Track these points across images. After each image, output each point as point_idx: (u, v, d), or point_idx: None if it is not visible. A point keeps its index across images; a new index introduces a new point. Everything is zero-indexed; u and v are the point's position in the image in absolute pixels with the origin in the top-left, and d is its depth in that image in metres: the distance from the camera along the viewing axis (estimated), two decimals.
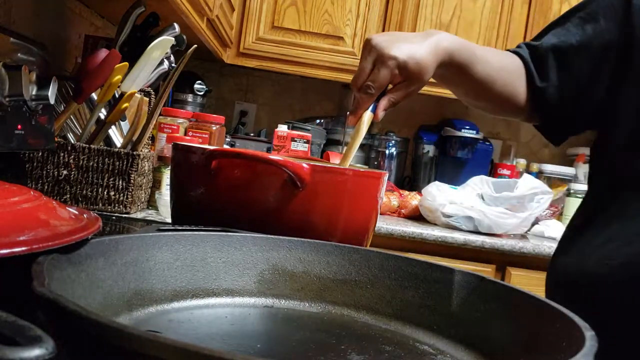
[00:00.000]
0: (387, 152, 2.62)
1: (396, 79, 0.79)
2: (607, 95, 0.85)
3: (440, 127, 2.58)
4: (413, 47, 0.79)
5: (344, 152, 0.79)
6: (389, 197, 2.19)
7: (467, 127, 2.48)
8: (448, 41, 0.83)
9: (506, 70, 0.90)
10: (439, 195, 2.04)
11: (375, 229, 0.80)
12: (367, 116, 0.78)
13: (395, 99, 0.79)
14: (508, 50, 0.95)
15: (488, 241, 1.91)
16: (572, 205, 2.28)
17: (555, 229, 2.13)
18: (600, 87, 0.86)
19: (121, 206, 1.18)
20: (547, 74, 0.89)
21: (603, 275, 0.77)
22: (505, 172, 2.49)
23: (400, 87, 0.80)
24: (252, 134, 2.58)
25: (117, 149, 1.18)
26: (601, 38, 0.85)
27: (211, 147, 0.66)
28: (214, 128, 1.69)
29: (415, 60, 0.77)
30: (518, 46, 0.94)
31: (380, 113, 0.78)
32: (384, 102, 0.78)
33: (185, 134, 1.65)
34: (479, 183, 2.09)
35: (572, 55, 0.87)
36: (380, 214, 2.03)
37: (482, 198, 2.04)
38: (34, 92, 0.94)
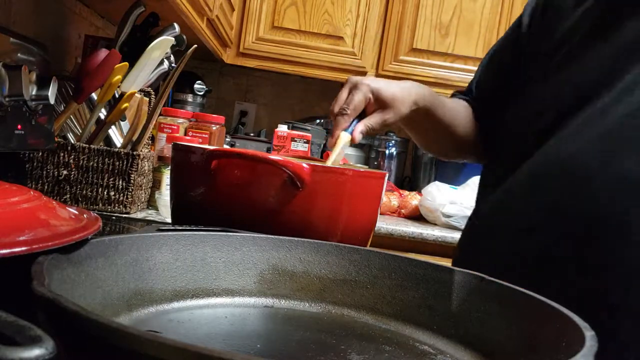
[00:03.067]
0: (387, 152, 2.62)
1: (371, 107, 0.85)
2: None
3: None
4: (389, 83, 0.87)
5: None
6: (389, 197, 2.19)
7: None
8: (416, 86, 0.91)
9: (463, 112, 1.00)
10: (439, 195, 2.03)
11: (375, 229, 0.80)
12: (344, 137, 0.82)
13: (371, 124, 0.84)
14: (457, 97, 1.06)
15: None
16: None
17: None
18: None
19: (121, 206, 1.18)
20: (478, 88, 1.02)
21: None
22: None
23: (375, 114, 0.85)
24: (252, 134, 2.58)
25: (117, 149, 1.18)
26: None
27: (211, 147, 0.66)
28: (214, 128, 1.69)
29: (389, 90, 0.85)
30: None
31: (357, 135, 0.83)
32: (360, 126, 0.84)
33: (185, 134, 1.65)
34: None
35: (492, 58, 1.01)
36: (380, 214, 2.03)
37: None
38: (34, 92, 0.94)
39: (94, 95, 1.20)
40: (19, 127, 0.91)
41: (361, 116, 0.85)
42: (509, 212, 0.82)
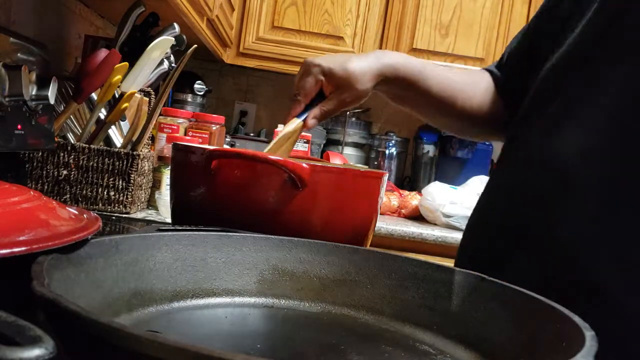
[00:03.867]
0: (387, 152, 2.62)
1: (327, 89, 0.80)
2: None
3: None
4: (346, 59, 0.80)
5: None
6: (389, 197, 2.19)
7: None
8: (393, 57, 0.84)
9: (475, 84, 0.90)
10: (439, 195, 2.03)
11: (375, 229, 0.80)
12: (294, 123, 0.80)
13: (326, 108, 0.81)
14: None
15: None
16: None
17: None
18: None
19: (121, 206, 1.18)
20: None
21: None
22: None
23: (331, 97, 0.81)
24: (252, 134, 2.58)
25: (117, 149, 1.18)
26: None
27: (211, 147, 0.66)
28: (214, 128, 1.69)
29: (343, 68, 0.79)
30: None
31: (310, 121, 0.80)
32: (315, 110, 0.81)
33: (185, 134, 1.65)
34: (479, 183, 2.09)
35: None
36: (380, 214, 2.03)
37: None
38: (33, 92, 0.94)
39: (94, 95, 1.20)
40: (19, 127, 0.91)
41: (320, 99, 0.81)
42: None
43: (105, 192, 1.17)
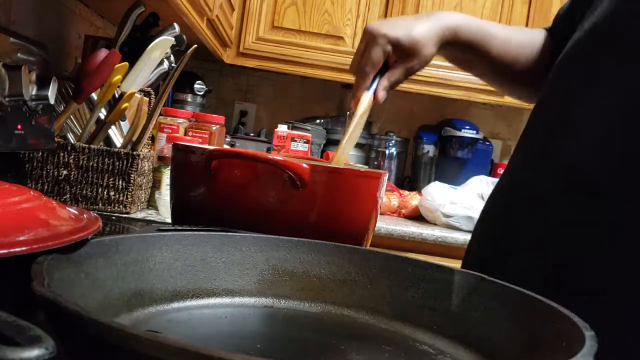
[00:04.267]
0: (387, 152, 2.62)
1: (392, 58, 0.78)
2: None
3: (440, 127, 2.58)
4: (408, 24, 0.78)
5: (343, 137, 0.78)
6: (389, 197, 2.19)
7: (467, 127, 2.48)
8: (453, 18, 0.82)
9: (530, 45, 0.87)
10: (439, 195, 2.03)
11: (375, 229, 0.80)
12: (366, 98, 0.76)
13: (394, 78, 0.78)
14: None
15: None
16: None
17: None
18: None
19: (121, 206, 1.18)
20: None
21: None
22: None
23: (397, 65, 0.79)
24: (252, 134, 2.58)
25: (117, 149, 1.18)
26: None
27: (211, 147, 0.66)
28: (214, 128, 1.69)
29: (409, 35, 0.76)
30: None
31: (381, 93, 0.77)
32: (383, 82, 0.78)
33: (185, 134, 1.65)
34: (479, 183, 2.09)
35: None
36: (380, 214, 2.03)
37: (482, 198, 2.03)
38: (33, 92, 0.94)
39: (94, 95, 1.20)
40: (19, 127, 0.91)
41: (384, 70, 0.77)
42: None
43: (105, 192, 1.17)
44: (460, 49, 0.84)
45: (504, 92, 0.98)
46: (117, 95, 1.20)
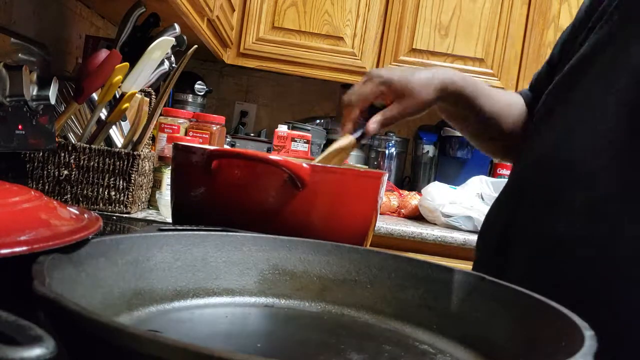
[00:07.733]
0: (387, 152, 2.62)
1: (388, 99, 0.82)
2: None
3: (440, 127, 2.58)
4: (410, 71, 0.83)
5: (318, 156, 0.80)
6: (388, 197, 2.19)
7: None
8: (453, 72, 0.86)
9: (513, 106, 0.92)
10: (438, 195, 2.03)
11: (375, 229, 0.80)
12: (347, 139, 0.79)
13: (388, 114, 0.81)
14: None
15: None
16: None
17: None
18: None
19: (122, 206, 1.18)
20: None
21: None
22: (505, 172, 2.49)
23: (393, 105, 0.82)
24: (252, 134, 2.59)
25: (117, 149, 1.18)
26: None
27: (211, 148, 0.66)
28: (215, 128, 1.69)
29: (405, 78, 0.81)
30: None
31: (372, 125, 0.80)
32: (377, 117, 0.81)
33: (186, 134, 1.66)
34: (479, 183, 2.09)
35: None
36: (380, 214, 2.03)
37: (482, 198, 2.04)
38: (34, 93, 0.94)
39: (95, 96, 1.20)
40: (20, 127, 0.92)
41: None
42: None
43: (106, 192, 1.17)
44: (457, 103, 0.87)
45: (482, 149, 1.02)
46: (117, 96, 1.20)
